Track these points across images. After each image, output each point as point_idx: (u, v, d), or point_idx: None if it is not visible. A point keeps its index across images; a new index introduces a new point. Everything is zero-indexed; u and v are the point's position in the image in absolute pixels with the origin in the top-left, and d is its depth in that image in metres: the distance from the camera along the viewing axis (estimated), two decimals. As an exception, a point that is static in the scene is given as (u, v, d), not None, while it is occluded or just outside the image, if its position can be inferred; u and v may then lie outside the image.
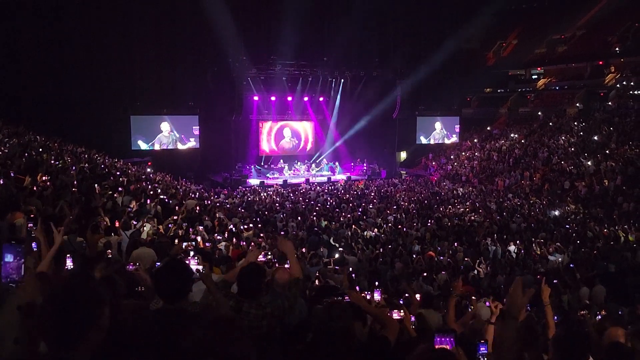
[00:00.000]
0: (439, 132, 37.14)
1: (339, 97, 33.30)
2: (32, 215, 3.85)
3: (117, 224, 7.99)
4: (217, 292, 3.01)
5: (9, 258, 2.02)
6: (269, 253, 9.24)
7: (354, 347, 2.41)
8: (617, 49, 34.18)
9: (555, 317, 8.44)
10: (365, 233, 15.09)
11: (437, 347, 1.82)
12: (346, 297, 3.60)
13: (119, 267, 4.69)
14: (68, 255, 3.66)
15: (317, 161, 32.75)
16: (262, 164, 31.66)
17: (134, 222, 9.05)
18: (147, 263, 5.96)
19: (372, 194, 24.03)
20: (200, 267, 3.53)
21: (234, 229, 12.64)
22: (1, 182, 7.97)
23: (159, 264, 5.31)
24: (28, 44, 23.17)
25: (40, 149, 14.40)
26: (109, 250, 5.68)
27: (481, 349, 2.47)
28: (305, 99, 32.47)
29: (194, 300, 3.11)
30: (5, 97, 21.24)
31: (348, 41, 28.83)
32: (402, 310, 3.57)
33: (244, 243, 10.98)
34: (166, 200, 13.52)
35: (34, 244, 3.63)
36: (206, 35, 26.36)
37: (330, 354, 2.27)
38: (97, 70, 24.75)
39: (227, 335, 1.61)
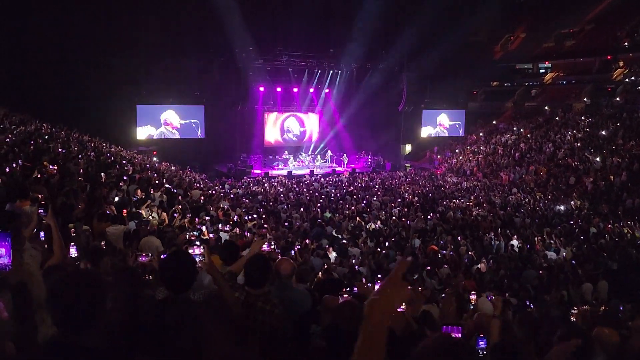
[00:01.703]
0: (445, 125, 37.07)
1: (344, 89, 33.24)
2: (42, 202, 3.88)
3: (124, 213, 8.04)
4: (223, 282, 3.06)
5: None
6: (273, 243, 9.32)
7: None
8: (626, 43, 33.85)
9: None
10: (368, 225, 15.12)
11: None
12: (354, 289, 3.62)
13: (123, 257, 4.77)
14: (72, 243, 3.70)
15: (322, 153, 32.77)
16: (268, 154, 31.72)
17: (140, 211, 9.13)
18: (153, 252, 6.02)
19: (377, 186, 24.03)
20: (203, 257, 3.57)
21: (237, 219, 12.71)
22: (8, 170, 8.04)
23: (164, 255, 5.36)
24: (34, 32, 23.18)
25: (47, 137, 14.48)
26: (103, 242, 5.70)
27: (480, 343, 2.50)
28: (311, 90, 32.46)
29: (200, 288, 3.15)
30: (10, 85, 21.31)
31: (354, 33, 28.70)
32: (403, 304, 3.60)
33: (248, 233, 11.05)
34: (171, 189, 13.59)
35: (41, 233, 3.66)
36: (213, 25, 26.31)
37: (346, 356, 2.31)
38: (104, 59, 24.78)
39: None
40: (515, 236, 14.55)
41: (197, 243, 6.13)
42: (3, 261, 2.09)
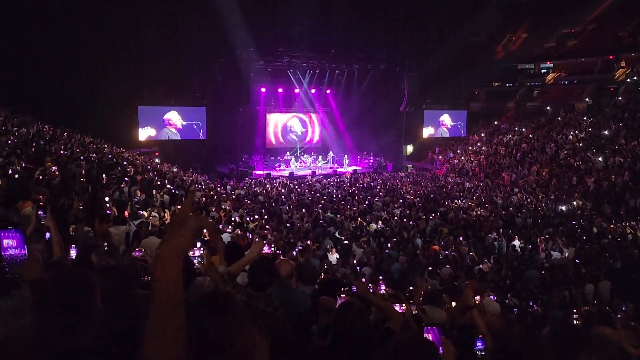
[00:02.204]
0: (446, 125, 37.06)
1: (345, 89, 33.25)
2: (41, 204, 3.90)
3: (126, 214, 8.05)
4: (221, 283, 3.05)
5: (10, 243, 2.09)
6: (273, 245, 9.31)
7: (374, 349, 2.43)
8: (628, 43, 33.76)
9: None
10: (370, 226, 15.11)
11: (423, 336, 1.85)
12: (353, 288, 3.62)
13: (127, 257, 4.77)
14: (73, 245, 3.71)
15: (324, 153, 32.76)
16: (269, 155, 31.76)
17: (141, 212, 9.14)
18: (155, 252, 6.01)
19: (378, 187, 24.03)
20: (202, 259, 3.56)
21: (239, 220, 12.72)
22: (10, 171, 8.06)
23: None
24: (36, 34, 23.24)
25: (49, 138, 14.52)
26: (105, 243, 5.69)
27: (478, 344, 2.50)
28: (313, 91, 32.48)
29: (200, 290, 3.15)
30: (12, 87, 21.37)
31: (355, 33, 28.71)
32: (403, 304, 3.60)
33: (250, 234, 11.05)
34: (173, 190, 13.62)
35: (47, 234, 3.67)
36: (214, 26, 26.35)
37: (353, 356, 2.30)
38: (105, 61, 24.83)
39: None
40: (517, 236, 14.54)
41: (198, 244, 6.13)
42: (16, 252, 2.08)
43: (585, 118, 30.11)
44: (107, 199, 8.52)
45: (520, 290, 10.07)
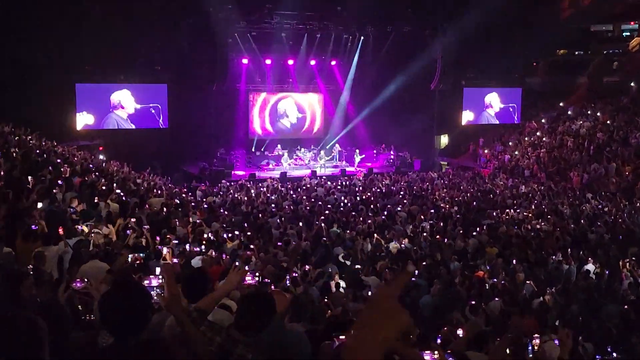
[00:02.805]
0: (494, 109, 37.04)
1: (357, 60, 33.26)
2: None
3: (61, 231, 8.02)
4: (189, 324, 3.03)
5: None
6: (258, 273, 9.28)
7: None
8: None
9: None
10: (390, 245, 15.12)
11: None
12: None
13: (63, 288, 4.77)
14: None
15: (327, 147, 32.75)
16: (254, 150, 31.78)
17: (79, 227, 9.14)
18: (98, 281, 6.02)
19: (402, 192, 24.06)
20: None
21: (213, 237, 12.73)
22: None
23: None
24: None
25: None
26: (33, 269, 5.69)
27: None
28: (312, 62, 32.52)
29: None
30: None
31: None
32: (436, 352, 3.59)
33: (227, 257, 11.04)
34: (124, 197, 13.65)
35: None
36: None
37: None
38: (30, 22, 24.79)
39: None
40: (590, 259, 14.52)
41: (157, 271, 6.13)
42: None
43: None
44: (40, 204, 8.55)
45: (595, 331, 10.04)
